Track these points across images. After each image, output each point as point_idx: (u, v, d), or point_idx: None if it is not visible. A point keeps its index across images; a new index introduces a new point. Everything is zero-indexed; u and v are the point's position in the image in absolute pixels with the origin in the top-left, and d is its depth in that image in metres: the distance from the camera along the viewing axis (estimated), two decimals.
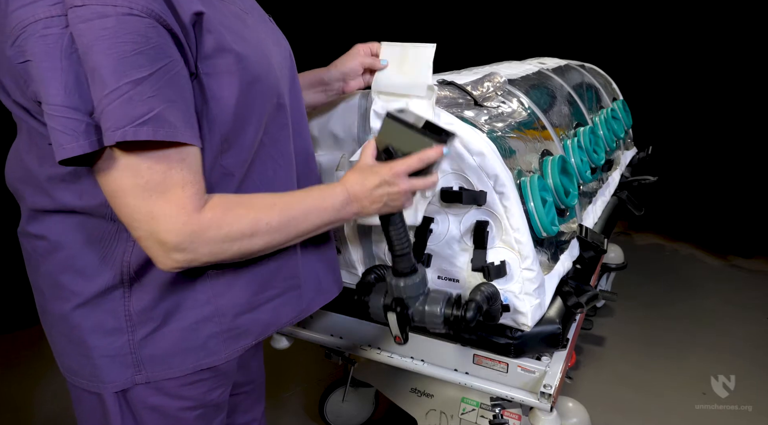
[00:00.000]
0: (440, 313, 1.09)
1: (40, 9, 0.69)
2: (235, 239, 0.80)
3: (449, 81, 1.50)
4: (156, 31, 0.70)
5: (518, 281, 1.23)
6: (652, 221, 3.82)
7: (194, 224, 0.76)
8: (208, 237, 0.77)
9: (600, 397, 2.23)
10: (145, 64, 0.69)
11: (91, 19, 0.67)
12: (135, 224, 0.75)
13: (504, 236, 1.23)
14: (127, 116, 0.69)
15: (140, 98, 0.69)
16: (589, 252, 1.58)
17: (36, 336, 2.71)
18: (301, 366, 2.43)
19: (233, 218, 0.80)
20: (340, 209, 0.92)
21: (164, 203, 0.74)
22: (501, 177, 1.20)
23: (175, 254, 0.76)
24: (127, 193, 0.73)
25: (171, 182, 0.74)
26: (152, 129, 0.70)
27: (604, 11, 3.73)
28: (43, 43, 0.69)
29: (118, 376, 0.90)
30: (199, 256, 0.78)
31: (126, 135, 0.69)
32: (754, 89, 3.38)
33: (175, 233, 0.75)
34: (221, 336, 0.95)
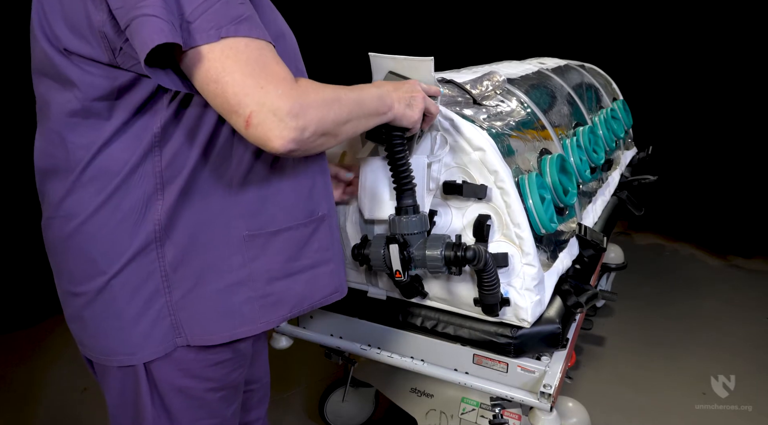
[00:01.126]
0: (440, 255, 1.13)
1: None
2: (331, 104, 0.85)
3: (448, 79, 1.51)
4: None
5: (519, 276, 1.24)
6: (652, 221, 3.82)
7: (298, 90, 0.80)
8: (310, 102, 0.81)
9: (600, 397, 2.23)
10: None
11: None
12: (245, 100, 0.76)
13: (505, 230, 1.24)
14: (228, 16, 0.77)
15: (235, 3, 0.78)
16: (589, 251, 1.58)
17: (36, 336, 2.71)
18: (301, 366, 2.43)
19: (320, 86, 0.86)
20: (378, 96, 1.00)
21: (268, 74, 0.78)
22: (501, 173, 1.21)
23: (290, 121, 0.78)
24: (233, 70, 0.76)
25: (266, 59, 0.79)
26: (248, 27, 0.78)
27: (604, 11, 3.73)
28: None
29: (159, 341, 0.92)
30: (308, 121, 0.80)
31: (229, 32, 0.76)
32: (754, 89, 3.38)
33: (286, 96, 0.78)
34: (256, 301, 0.96)
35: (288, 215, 0.98)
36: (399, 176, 1.14)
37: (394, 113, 1.02)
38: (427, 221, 1.19)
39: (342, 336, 1.57)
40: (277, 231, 0.97)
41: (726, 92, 3.47)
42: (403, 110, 1.04)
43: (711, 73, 3.50)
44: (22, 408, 2.22)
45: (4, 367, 2.48)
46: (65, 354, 2.52)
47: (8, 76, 2.58)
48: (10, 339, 2.69)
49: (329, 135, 0.86)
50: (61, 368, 2.44)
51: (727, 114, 3.50)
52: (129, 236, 0.89)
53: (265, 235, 0.96)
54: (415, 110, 1.06)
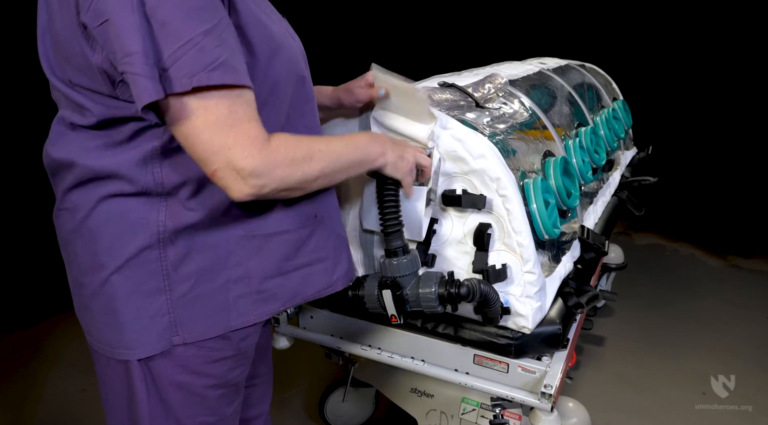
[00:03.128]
0: (434, 292, 1.13)
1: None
2: (298, 163, 0.88)
3: (450, 83, 1.51)
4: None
5: (519, 284, 1.23)
6: (652, 221, 3.82)
7: (266, 150, 0.83)
8: (278, 162, 0.85)
9: (600, 397, 2.23)
10: (209, 17, 0.78)
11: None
12: (212, 157, 0.81)
13: (506, 239, 1.23)
14: (201, 63, 0.76)
15: (210, 47, 0.77)
16: (590, 253, 1.58)
17: (36, 335, 2.71)
18: (302, 366, 2.43)
19: (293, 144, 0.88)
20: (368, 143, 1.03)
21: (236, 134, 0.81)
22: (503, 180, 1.20)
23: (252, 180, 0.83)
24: (201, 130, 0.80)
25: (237, 116, 0.81)
26: (222, 73, 0.78)
27: (604, 11, 3.73)
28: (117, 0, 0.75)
29: (156, 339, 0.93)
30: (271, 180, 0.85)
31: (201, 80, 0.76)
32: (754, 89, 3.38)
33: (251, 158, 0.81)
34: (250, 297, 0.99)
35: (286, 218, 1.00)
36: (386, 218, 1.14)
37: (386, 159, 1.05)
38: (418, 260, 1.19)
39: (342, 336, 1.57)
40: (275, 233, 0.99)
41: (726, 92, 3.47)
42: (394, 159, 1.07)
43: (711, 73, 3.50)
44: (22, 408, 2.22)
45: (4, 367, 2.47)
46: (65, 354, 2.52)
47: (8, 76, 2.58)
48: (10, 339, 2.69)
49: (295, 190, 0.91)
50: (61, 368, 2.44)
51: (727, 114, 3.50)
52: (132, 235, 0.90)
53: (262, 236, 0.98)
54: (406, 161, 1.09)
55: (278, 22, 0.97)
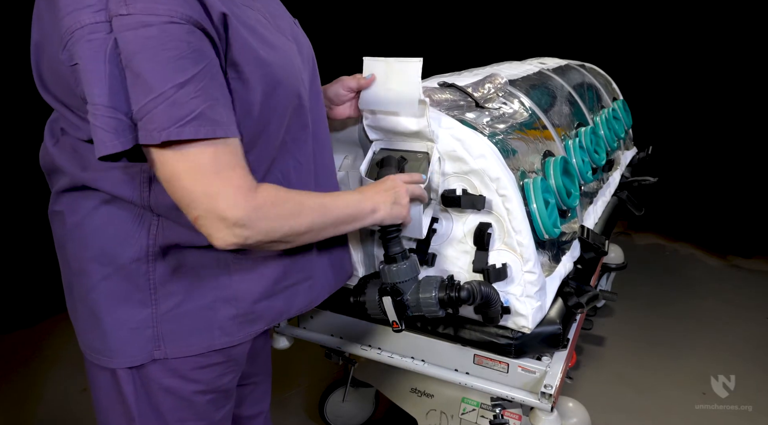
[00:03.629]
0: (434, 296, 1.12)
1: (86, 15, 0.73)
2: (287, 217, 0.86)
3: (450, 83, 1.51)
4: (195, 36, 0.75)
5: (519, 284, 1.23)
6: (652, 221, 3.81)
7: (252, 201, 0.80)
8: (264, 214, 0.82)
9: (600, 397, 2.23)
10: (188, 67, 0.74)
11: (136, 28, 0.72)
12: (193, 204, 0.78)
13: (506, 238, 1.23)
14: (172, 118, 0.73)
15: (184, 100, 0.74)
16: (590, 253, 1.58)
17: (36, 335, 2.71)
18: (301, 366, 2.43)
19: (282, 198, 0.86)
20: (359, 201, 1.01)
21: (220, 182, 0.78)
22: (503, 180, 1.20)
23: (236, 230, 0.80)
24: (182, 177, 0.77)
25: (221, 164, 0.78)
26: (194, 128, 0.75)
27: (604, 11, 3.73)
28: (88, 47, 0.73)
29: (138, 350, 0.93)
30: (255, 232, 0.82)
31: (170, 135, 0.74)
32: (754, 89, 3.38)
33: (235, 208, 0.79)
34: (237, 319, 0.98)
35: None
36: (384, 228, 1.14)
37: (382, 215, 1.04)
38: (417, 264, 1.18)
39: (342, 336, 1.57)
40: (266, 257, 0.99)
41: (726, 92, 3.47)
42: (389, 210, 1.06)
43: (711, 73, 3.50)
44: (22, 408, 2.22)
45: (5, 367, 2.47)
46: (65, 354, 2.52)
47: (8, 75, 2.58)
48: (10, 339, 2.69)
49: (279, 243, 0.88)
50: (61, 368, 2.44)
51: (728, 114, 3.50)
52: (122, 246, 0.90)
53: (253, 259, 0.98)
54: (401, 205, 1.08)
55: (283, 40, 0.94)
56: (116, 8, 0.72)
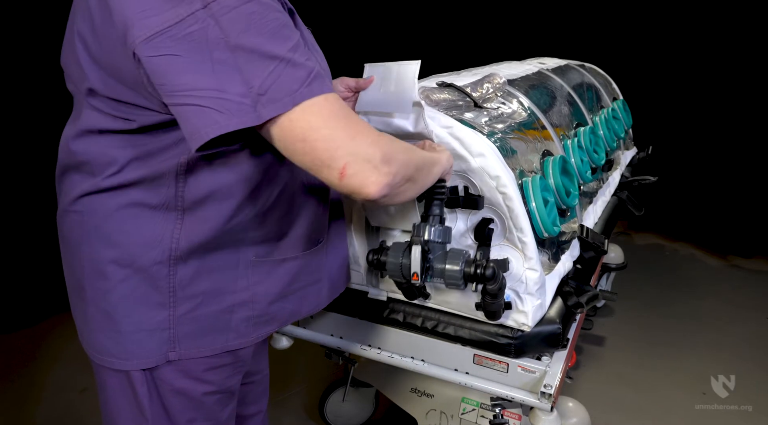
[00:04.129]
0: (460, 270, 1.12)
1: (183, 9, 0.74)
2: (407, 150, 0.89)
3: (448, 83, 1.51)
4: (283, 14, 0.79)
5: (521, 280, 1.24)
6: (652, 221, 3.82)
7: (382, 136, 0.83)
8: (395, 147, 0.84)
9: (600, 397, 2.23)
10: (291, 34, 0.78)
11: (236, 6, 0.74)
12: (338, 153, 0.77)
13: (508, 234, 1.24)
14: (298, 79, 0.76)
15: (301, 61, 0.77)
16: (590, 253, 1.58)
17: (37, 335, 2.71)
18: (301, 366, 2.43)
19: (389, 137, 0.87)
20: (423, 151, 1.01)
21: (353, 124, 0.79)
22: (503, 178, 1.20)
23: (383, 167, 0.80)
24: (319, 126, 0.77)
25: (347, 110, 0.80)
26: (318, 84, 0.77)
27: (604, 11, 3.73)
28: (189, 39, 0.74)
29: (152, 352, 0.93)
30: (398, 167, 0.83)
31: (303, 95, 0.76)
32: (754, 89, 3.38)
33: (375, 144, 0.80)
34: (251, 320, 1.00)
35: (296, 245, 1.02)
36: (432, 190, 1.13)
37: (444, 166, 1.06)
38: (450, 234, 1.18)
39: (342, 336, 1.57)
40: (283, 260, 1.01)
41: (726, 92, 3.47)
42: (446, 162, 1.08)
43: (711, 73, 3.50)
44: (22, 408, 2.22)
45: (5, 367, 2.48)
46: (65, 354, 2.52)
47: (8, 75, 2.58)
48: (10, 339, 2.69)
49: (412, 181, 0.89)
50: (61, 368, 2.44)
51: (728, 114, 3.50)
52: (145, 249, 0.90)
53: (271, 262, 0.99)
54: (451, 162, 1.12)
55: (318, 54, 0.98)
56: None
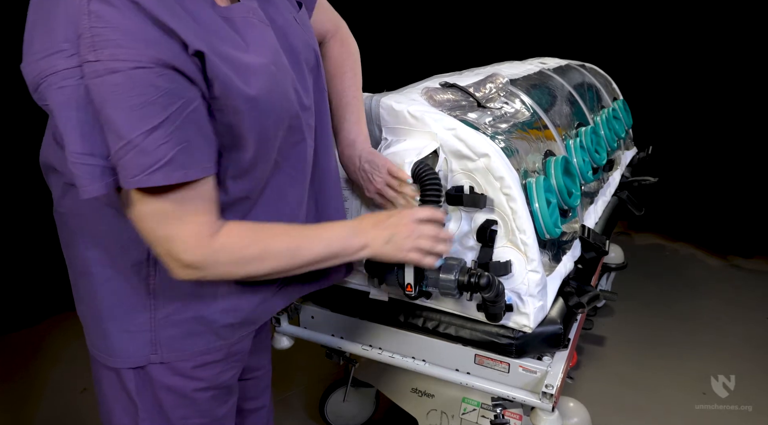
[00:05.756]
0: (454, 279, 1.13)
1: (60, 61, 0.73)
2: (245, 263, 0.86)
3: (452, 83, 1.51)
4: (166, 78, 0.72)
5: (523, 282, 1.24)
6: (652, 221, 3.81)
7: (208, 248, 0.82)
8: (219, 260, 0.84)
9: (601, 397, 2.23)
10: (157, 112, 0.72)
11: (102, 75, 0.70)
12: (154, 244, 0.82)
13: (510, 236, 1.24)
14: (141, 166, 0.73)
15: (153, 147, 0.73)
16: (591, 253, 1.58)
17: (37, 335, 2.70)
18: (302, 366, 2.43)
19: (245, 244, 0.86)
20: (347, 237, 0.96)
21: (180, 228, 0.80)
22: (507, 179, 1.21)
23: (188, 271, 0.83)
24: (147, 219, 0.79)
25: (185, 209, 0.79)
26: (164, 175, 0.74)
27: (604, 11, 3.73)
28: (61, 94, 0.74)
29: (135, 353, 0.94)
30: (209, 275, 0.85)
31: (139, 183, 0.74)
32: (754, 89, 3.38)
33: (190, 254, 0.81)
34: (235, 325, 0.99)
35: None
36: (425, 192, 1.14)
37: (370, 252, 0.99)
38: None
39: (343, 336, 1.57)
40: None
41: (726, 92, 3.47)
42: (380, 248, 0.99)
43: (711, 73, 3.50)
44: (22, 408, 2.22)
45: (5, 367, 2.47)
46: (65, 354, 2.51)
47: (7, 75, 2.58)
48: (10, 339, 2.69)
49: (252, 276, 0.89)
50: (61, 368, 2.44)
51: (728, 114, 3.50)
52: (125, 250, 0.90)
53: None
54: (400, 240, 1.00)
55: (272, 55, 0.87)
56: (85, 54, 0.71)
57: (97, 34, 0.70)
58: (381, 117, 1.33)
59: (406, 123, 1.29)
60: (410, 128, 1.29)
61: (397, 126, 1.31)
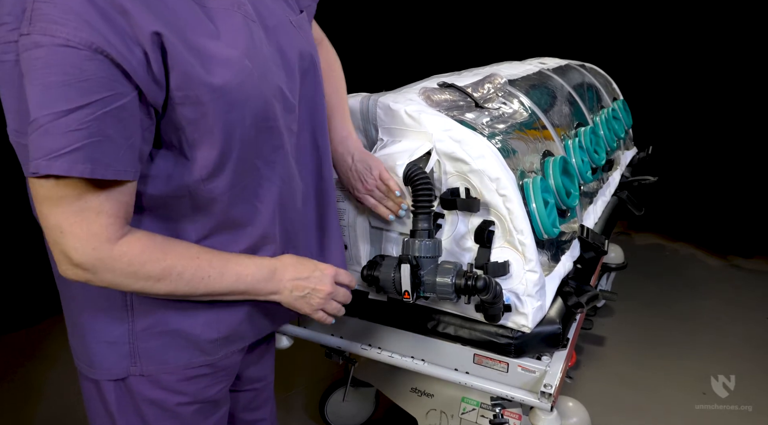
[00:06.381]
0: (451, 283, 1.13)
1: (2, 33, 0.70)
2: (140, 279, 0.80)
3: (450, 83, 1.51)
4: (94, 64, 0.68)
5: (521, 282, 1.24)
6: (652, 221, 3.81)
7: (103, 252, 0.75)
8: (113, 268, 0.77)
9: (600, 397, 2.23)
10: (74, 96, 0.67)
11: (29, 49, 0.67)
12: (46, 231, 0.75)
13: (508, 237, 1.24)
14: (43, 149, 0.68)
15: (60, 131, 0.67)
16: (590, 253, 1.58)
17: (36, 335, 2.71)
18: (302, 366, 2.43)
19: (147, 258, 0.79)
20: (260, 280, 0.91)
21: (75, 222, 0.73)
22: (503, 180, 1.20)
23: (76, 271, 0.77)
24: (42, 201, 0.73)
25: (86, 205, 0.73)
26: (67, 164, 0.68)
27: (604, 11, 3.73)
28: (1, 68, 0.71)
29: (114, 365, 0.92)
30: (98, 280, 0.78)
31: (39, 167, 0.68)
32: (754, 89, 3.38)
33: (81, 253, 0.75)
34: (218, 341, 0.97)
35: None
36: (417, 199, 1.14)
37: (281, 298, 0.95)
38: (440, 247, 1.19)
39: (343, 336, 1.57)
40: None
41: (726, 92, 3.47)
42: (292, 300, 0.96)
43: (711, 73, 3.50)
44: (22, 408, 2.22)
45: (4, 367, 2.48)
46: (65, 354, 2.50)
47: None
48: (10, 339, 2.69)
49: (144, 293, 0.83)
50: (61, 368, 2.44)
51: (728, 114, 3.50)
52: None
53: None
54: (309, 305, 0.98)
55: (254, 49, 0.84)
56: (21, 27, 0.67)
57: (37, 8, 0.66)
58: (378, 117, 1.33)
59: (402, 123, 1.29)
60: (407, 128, 1.29)
61: (394, 126, 1.31)
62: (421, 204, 1.14)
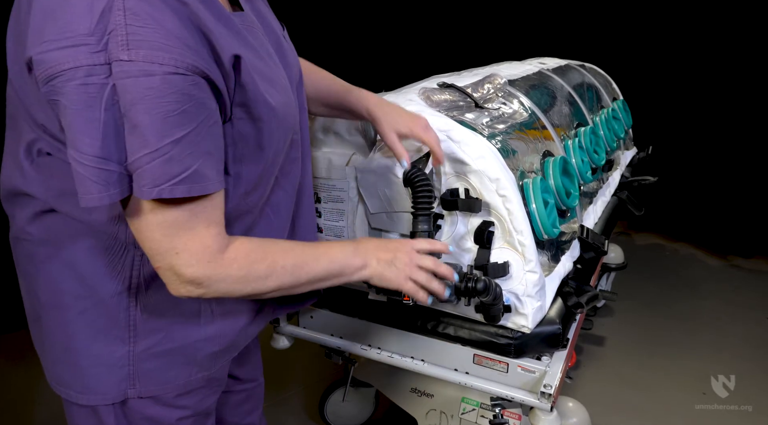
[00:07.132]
0: (451, 285, 1.11)
1: (83, 55, 0.66)
2: (251, 281, 0.82)
3: (449, 84, 1.51)
4: (198, 87, 0.70)
5: (521, 283, 1.24)
6: (652, 221, 3.81)
7: (217, 263, 0.78)
8: (226, 276, 0.80)
9: (600, 397, 2.23)
10: (186, 122, 0.69)
11: (137, 76, 0.66)
12: (158, 256, 0.76)
13: (508, 237, 1.24)
14: (166, 175, 0.69)
15: (179, 157, 0.70)
16: (590, 253, 1.58)
17: None
18: (301, 366, 2.43)
19: (252, 259, 0.82)
20: (348, 256, 0.94)
21: (188, 240, 0.75)
22: (503, 180, 1.20)
23: (190, 287, 0.78)
24: (154, 229, 0.74)
25: (196, 221, 0.75)
26: (188, 187, 0.71)
27: (604, 11, 3.73)
28: (84, 91, 0.67)
29: (111, 388, 0.90)
30: (211, 292, 0.80)
31: (162, 193, 0.70)
32: (754, 89, 3.38)
33: (196, 268, 0.76)
34: (217, 354, 0.98)
35: None
36: (417, 201, 1.13)
37: (369, 273, 0.95)
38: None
39: (342, 336, 1.57)
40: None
41: (726, 92, 3.47)
42: (381, 269, 0.96)
43: (711, 73, 3.50)
44: (22, 408, 2.22)
45: (4, 367, 2.48)
46: None
47: None
48: (10, 339, 2.69)
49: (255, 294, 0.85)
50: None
51: (728, 114, 3.50)
52: (105, 279, 0.86)
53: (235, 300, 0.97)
54: (397, 272, 0.97)
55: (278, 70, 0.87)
56: (117, 53, 0.66)
57: (133, 32, 0.66)
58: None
59: None
60: None
61: None
62: (421, 206, 1.14)
